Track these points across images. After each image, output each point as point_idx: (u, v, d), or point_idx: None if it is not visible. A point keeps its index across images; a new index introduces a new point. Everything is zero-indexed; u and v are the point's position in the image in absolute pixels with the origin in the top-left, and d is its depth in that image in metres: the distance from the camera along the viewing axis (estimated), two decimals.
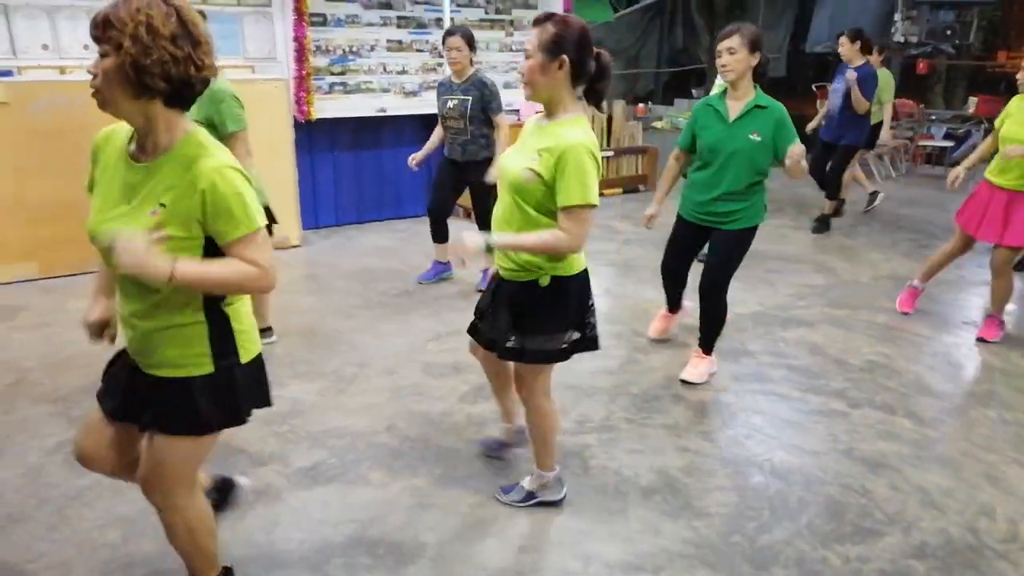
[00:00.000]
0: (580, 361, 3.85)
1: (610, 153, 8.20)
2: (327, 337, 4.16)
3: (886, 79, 7.02)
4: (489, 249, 2.23)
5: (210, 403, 1.79)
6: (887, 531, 2.56)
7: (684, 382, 3.62)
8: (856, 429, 3.24)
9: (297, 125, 5.87)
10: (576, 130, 2.18)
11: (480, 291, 4.47)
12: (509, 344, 2.38)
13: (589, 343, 2.46)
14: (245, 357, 1.85)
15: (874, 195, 7.50)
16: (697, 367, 3.67)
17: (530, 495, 2.66)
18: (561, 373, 3.71)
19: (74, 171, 3.05)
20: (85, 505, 2.60)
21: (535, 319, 2.34)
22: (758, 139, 3.29)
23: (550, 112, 2.28)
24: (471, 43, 4.59)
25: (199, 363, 1.77)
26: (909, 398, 3.56)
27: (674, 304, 4.11)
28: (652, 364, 3.87)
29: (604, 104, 2.22)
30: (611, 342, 4.16)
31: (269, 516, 2.59)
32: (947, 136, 10.16)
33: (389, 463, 2.92)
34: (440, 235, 4.94)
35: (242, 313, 1.87)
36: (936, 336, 4.34)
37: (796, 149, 3.10)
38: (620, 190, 8.38)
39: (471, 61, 4.63)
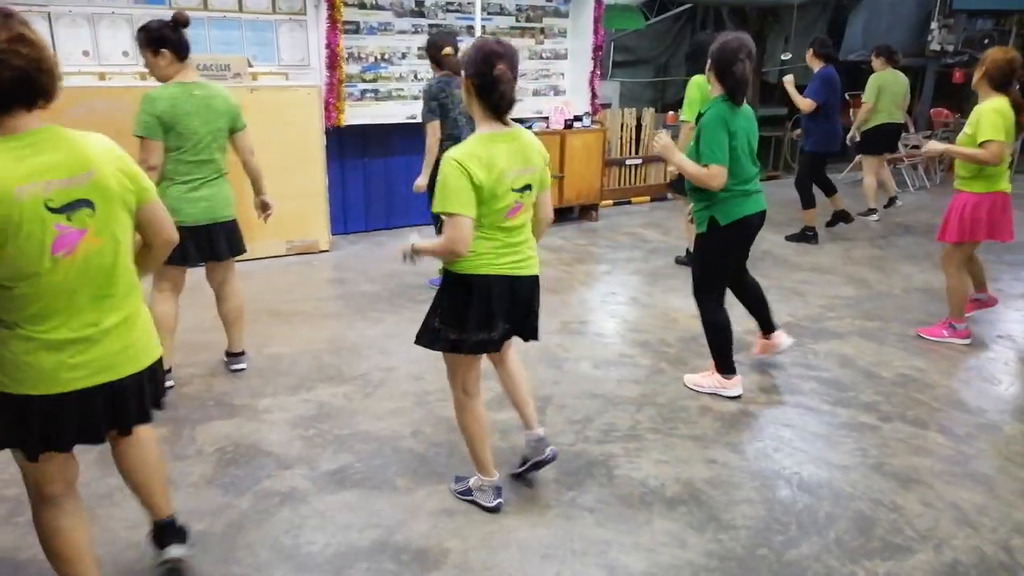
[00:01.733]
0: (607, 370, 3.88)
1: (638, 161, 8.18)
2: (355, 341, 4.19)
3: (880, 81, 6.94)
4: (415, 251, 2.46)
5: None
6: (918, 548, 2.51)
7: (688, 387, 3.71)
8: (887, 443, 3.19)
9: (328, 131, 5.94)
10: (459, 146, 2.35)
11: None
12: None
13: (455, 345, 2.50)
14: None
15: (871, 211, 7.39)
16: (696, 374, 3.75)
17: (467, 491, 2.73)
18: (586, 381, 3.72)
19: None
20: (115, 505, 2.65)
21: (432, 303, 2.57)
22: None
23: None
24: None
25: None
26: (941, 412, 3.49)
27: (762, 326, 3.94)
28: (679, 374, 3.84)
29: (508, 118, 2.41)
30: (637, 351, 4.15)
31: (294, 519, 2.61)
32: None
33: (415, 468, 2.94)
34: None
35: None
36: (970, 350, 4.25)
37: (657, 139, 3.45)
38: (648, 198, 8.35)
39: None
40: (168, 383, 3.51)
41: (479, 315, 2.43)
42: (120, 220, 1.83)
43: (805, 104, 6.12)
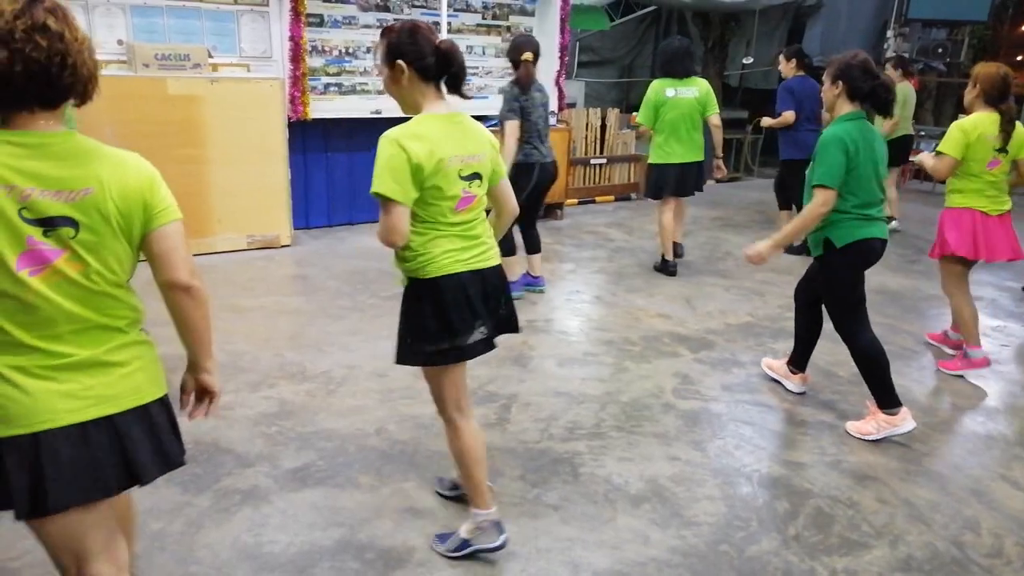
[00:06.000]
0: (571, 368, 3.89)
1: (603, 161, 8.23)
2: (317, 338, 4.14)
3: (901, 94, 7.13)
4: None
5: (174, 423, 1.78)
6: (874, 544, 2.57)
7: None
8: (844, 441, 3.26)
9: (291, 125, 5.85)
10: (398, 126, 2.13)
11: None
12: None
13: (440, 357, 2.29)
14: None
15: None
16: (858, 421, 3.42)
17: (465, 543, 2.39)
18: (551, 379, 3.73)
19: None
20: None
21: (400, 320, 2.33)
22: None
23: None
24: None
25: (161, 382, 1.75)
26: None
27: (795, 357, 3.72)
28: (642, 372, 3.87)
29: (464, 90, 2.26)
30: (601, 349, 4.17)
31: (256, 518, 2.57)
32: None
33: (379, 467, 2.91)
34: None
35: None
36: (924, 350, 4.38)
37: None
38: (612, 198, 8.41)
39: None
40: None
41: (457, 319, 2.23)
42: (111, 247, 1.55)
43: (785, 119, 6.19)
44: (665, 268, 5.71)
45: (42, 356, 1.51)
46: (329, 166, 6.47)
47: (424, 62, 2.17)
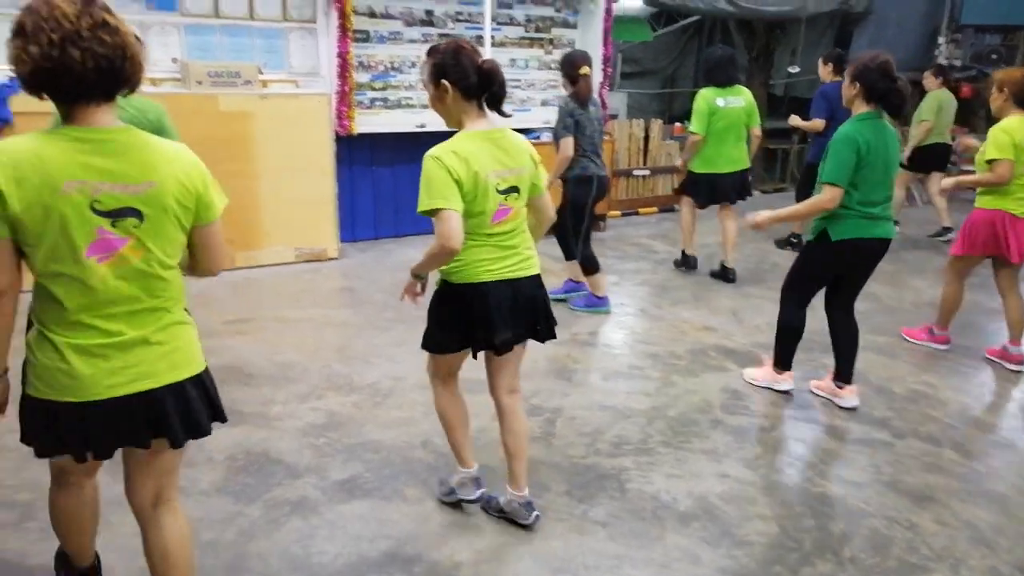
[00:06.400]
0: (616, 382, 3.86)
1: (646, 172, 8.18)
2: (363, 350, 4.18)
3: (938, 100, 7.01)
4: (415, 274, 2.50)
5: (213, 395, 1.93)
6: (934, 567, 2.49)
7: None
8: (901, 460, 3.16)
9: (337, 139, 5.94)
10: (438, 145, 2.28)
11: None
12: None
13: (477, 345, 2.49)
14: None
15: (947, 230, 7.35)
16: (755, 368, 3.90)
17: (450, 491, 2.72)
18: (596, 393, 3.70)
19: None
20: (128, 512, 2.61)
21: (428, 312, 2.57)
22: None
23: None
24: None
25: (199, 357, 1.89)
26: (955, 430, 3.46)
27: (839, 371, 3.69)
28: (689, 387, 3.82)
29: (503, 108, 2.40)
30: (647, 363, 4.13)
31: (305, 528, 2.59)
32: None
33: (425, 479, 2.91)
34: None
35: None
36: (983, 366, 4.23)
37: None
38: (656, 209, 8.34)
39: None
40: None
41: (475, 323, 2.40)
42: (169, 235, 1.72)
43: (814, 125, 6.13)
44: (686, 263, 5.95)
45: (97, 334, 1.68)
46: (375, 179, 6.55)
47: (467, 81, 2.29)
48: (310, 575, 2.37)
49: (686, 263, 5.95)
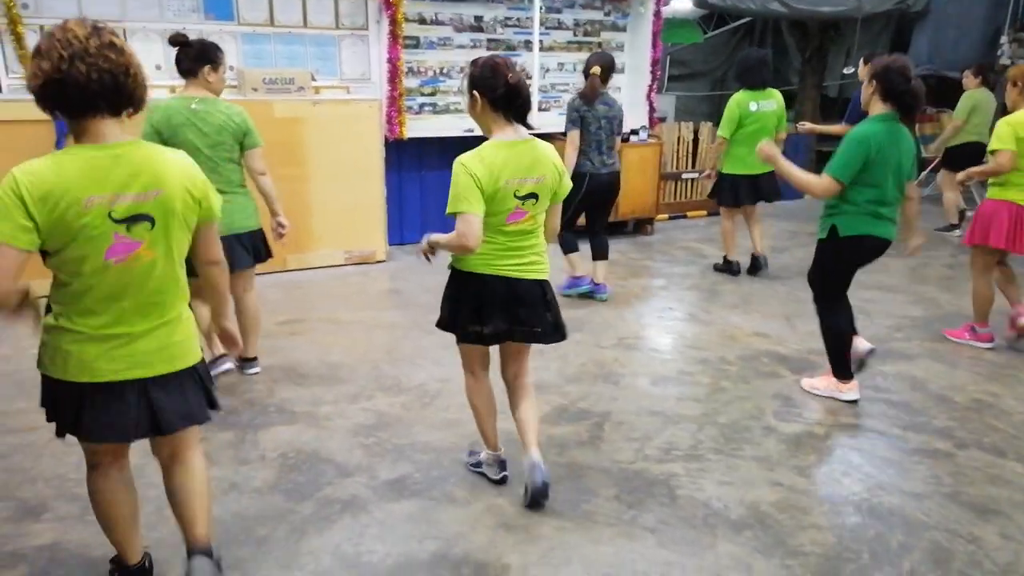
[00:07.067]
0: (665, 387, 3.81)
1: (694, 175, 8.08)
2: (411, 352, 4.21)
3: (974, 99, 6.86)
4: (431, 244, 2.65)
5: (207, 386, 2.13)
6: None
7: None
8: (962, 471, 3.06)
9: (387, 144, 6.01)
10: (470, 151, 2.49)
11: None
12: None
13: (472, 337, 2.69)
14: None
15: (952, 227, 7.27)
16: (814, 378, 3.84)
17: (478, 463, 2.96)
18: (644, 398, 3.67)
19: None
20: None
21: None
22: None
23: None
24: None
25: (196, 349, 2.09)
26: (1020, 440, 3.33)
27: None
28: (740, 393, 3.76)
29: (529, 120, 2.62)
30: (696, 368, 4.07)
31: (355, 527, 2.63)
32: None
33: (473, 481, 2.92)
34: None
35: None
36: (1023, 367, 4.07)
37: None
38: (704, 213, 8.23)
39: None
40: (226, 365, 3.74)
41: (469, 309, 2.62)
42: (176, 236, 1.93)
43: (839, 129, 6.08)
44: (728, 268, 5.90)
45: (106, 324, 1.88)
46: (423, 183, 6.61)
47: (494, 94, 2.50)
48: (361, 574, 2.40)
49: (728, 268, 5.91)
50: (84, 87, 1.73)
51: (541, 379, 3.80)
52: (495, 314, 2.61)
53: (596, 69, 4.74)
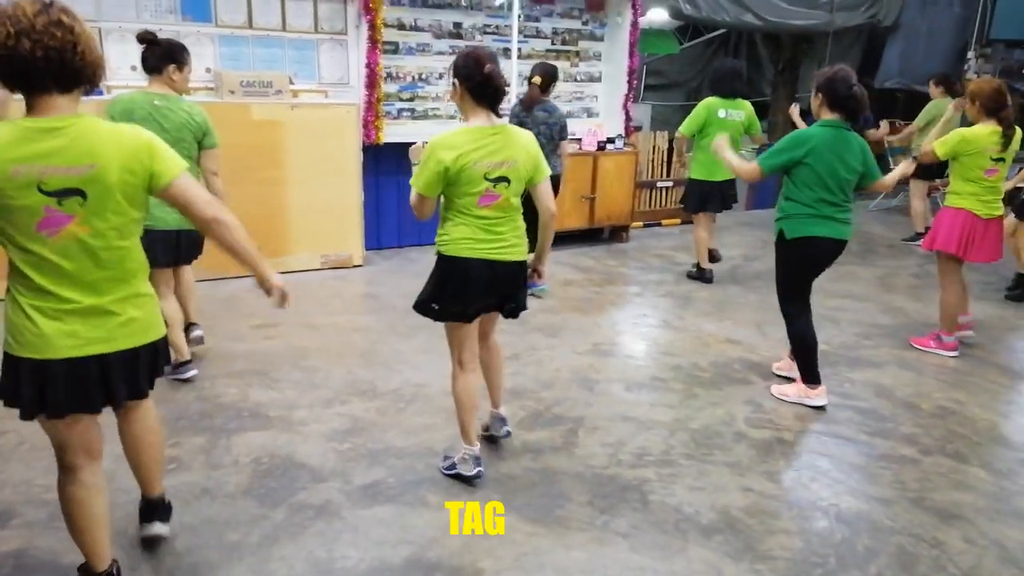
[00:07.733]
0: (639, 393, 3.85)
1: (669, 183, 8.17)
2: (387, 356, 4.21)
3: (936, 109, 7.09)
4: (415, 152, 2.91)
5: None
6: None
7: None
8: (927, 477, 3.13)
9: (364, 148, 6.01)
10: (442, 134, 2.68)
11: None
12: None
13: (439, 314, 2.85)
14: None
15: (918, 236, 7.43)
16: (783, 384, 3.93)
17: (452, 466, 2.97)
18: (618, 404, 3.70)
19: None
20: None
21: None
22: None
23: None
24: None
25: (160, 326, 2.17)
26: (983, 447, 3.42)
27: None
28: (712, 400, 3.80)
29: (499, 109, 2.79)
30: (669, 375, 4.12)
31: (329, 532, 2.62)
32: None
33: (447, 485, 2.93)
34: None
35: None
36: (1011, 383, 4.17)
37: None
38: (679, 221, 8.32)
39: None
40: (190, 372, 3.75)
41: (453, 291, 2.76)
42: (117, 211, 1.93)
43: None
44: (702, 276, 6.02)
45: (55, 300, 1.91)
46: (400, 188, 6.60)
47: (472, 83, 2.66)
48: None
49: (701, 276, 6.03)
50: (30, 63, 1.77)
51: (516, 384, 3.82)
52: (480, 294, 2.78)
53: (537, 79, 5.02)
